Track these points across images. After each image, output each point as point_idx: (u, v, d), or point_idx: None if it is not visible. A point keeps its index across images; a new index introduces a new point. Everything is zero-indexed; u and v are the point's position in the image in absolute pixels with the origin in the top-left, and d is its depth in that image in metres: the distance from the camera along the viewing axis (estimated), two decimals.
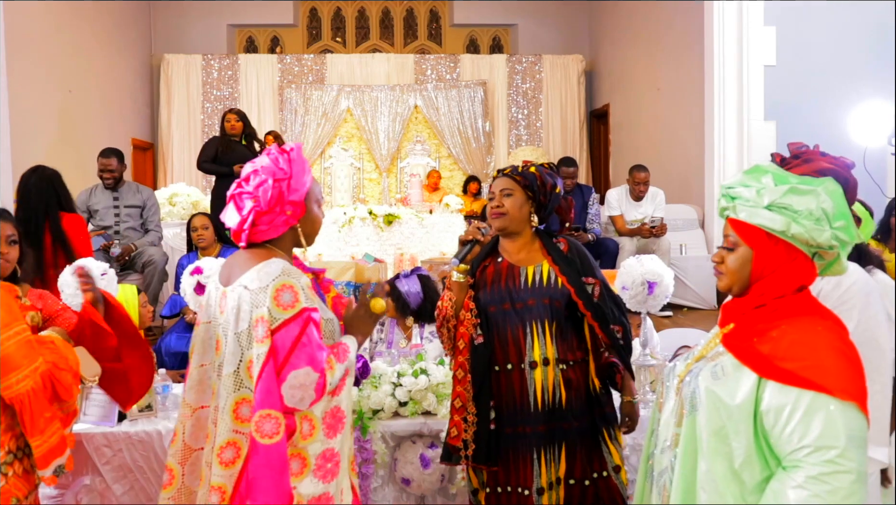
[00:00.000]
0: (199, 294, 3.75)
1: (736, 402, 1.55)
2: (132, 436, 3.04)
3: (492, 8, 12.30)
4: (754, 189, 1.63)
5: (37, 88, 7.59)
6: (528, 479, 2.47)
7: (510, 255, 2.61)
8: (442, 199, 9.07)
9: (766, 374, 1.52)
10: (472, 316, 2.53)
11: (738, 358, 1.59)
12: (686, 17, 8.00)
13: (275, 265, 1.99)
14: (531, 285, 2.53)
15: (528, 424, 2.48)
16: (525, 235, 2.61)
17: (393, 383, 3.19)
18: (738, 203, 1.65)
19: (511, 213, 2.55)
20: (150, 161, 11.33)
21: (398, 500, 3.19)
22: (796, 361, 1.50)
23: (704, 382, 1.63)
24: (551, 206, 2.62)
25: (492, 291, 2.56)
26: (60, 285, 3.37)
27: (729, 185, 1.68)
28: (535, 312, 2.49)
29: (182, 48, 11.39)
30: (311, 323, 1.96)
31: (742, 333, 1.64)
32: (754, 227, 1.63)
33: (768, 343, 1.57)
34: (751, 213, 1.63)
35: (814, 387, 1.47)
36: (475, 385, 2.50)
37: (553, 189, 2.60)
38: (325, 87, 11.17)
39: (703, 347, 1.76)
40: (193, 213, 6.14)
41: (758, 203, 1.62)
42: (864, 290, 1.99)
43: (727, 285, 1.70)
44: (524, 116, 11.69)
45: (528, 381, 2.48)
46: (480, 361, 2.51)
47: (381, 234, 7.64)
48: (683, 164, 8.27)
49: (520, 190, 2.57)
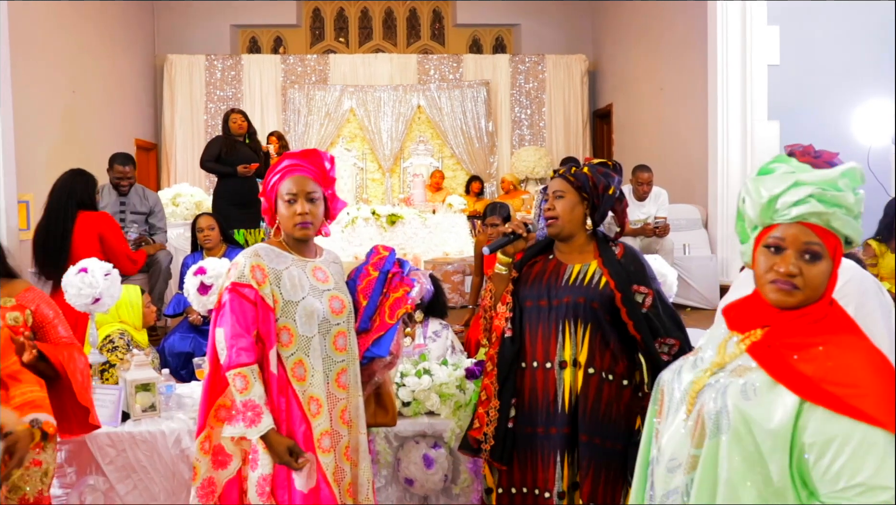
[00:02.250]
0: (202, 294, 3.76)
1: (772, 425, 1.38)
2: (136, 436, 3.05)
3: (495, 8, 12.29)
4: (852, 195, 1.45)
5: (41, 89, 7.60)
6: (550, 480, 2.43)
7: (562, 254, 2.55)
8: (445, 199, 9.08)
9: (812, 397, 1.36)
10: (508, 310, 2.51)
11: (775, 377, 1.42)
12: (689, 16, 8.00)
13: (253, 248, 2.44)
14: (572, 283, 2.47)
15: (554, 425, 2.43)
16: (579, 238, 2.53)
17: (396, 383, 3.19)
18: (837, 211, 1.44)
19: (563, 217, 2.48)
20: (153, 161, 11.35)
21: (401, 500, 3.19)
22: (845, 386, 1.35)
23: (734, 401, 1.44)
24: (604, 208, 2.52)
25: (532, 285, 2.52)
26: (64, 285, 3.38)
27: (822, 186, 1.45)
28: (570, 311, 2.43)
29: (185, 49, 11.39)
30: (238, 296, 2.32)
31: (777, 346, 1.46)
32: (837, 237, 1.46)
33: (811, 362, 1.40)
34: (845, 223, 1.45)
35: (866, 418, 1.32)
36: (499, 379, 2.48)
37: (606, 190, 2.50)
38: (329, 88, 11.17)
39: (717, 355, 1.57)
40: (197, 213, 6.15)
41: (852, 212, 1.45)
42: (860, 286, 1.98)
43: (800, 302, 1.47)
44: (527, 116, 11.68)
45: (558, 381, 2.43)
46: (506, 355, 2.48)
47: (385, 234, 7.64)
48: (687, 164, 8.26)
49: (573, 192, 2.49)
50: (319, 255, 2.54)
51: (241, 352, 2.28)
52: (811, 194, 1.44)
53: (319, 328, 2.40)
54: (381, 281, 2.56)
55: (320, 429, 2.37)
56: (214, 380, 2.41)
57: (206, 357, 2.47)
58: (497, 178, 11.17)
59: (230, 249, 5.00)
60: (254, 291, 2.33)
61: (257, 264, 2.36)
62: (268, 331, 2.33)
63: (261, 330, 2.33)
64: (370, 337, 2.53)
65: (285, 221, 2.42)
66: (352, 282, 2.59)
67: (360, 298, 2.56)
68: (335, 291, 2.47)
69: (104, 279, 3.35)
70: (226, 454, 2.40)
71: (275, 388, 2.33)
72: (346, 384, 2.47)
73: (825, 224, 1.45)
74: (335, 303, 2.44)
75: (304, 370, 2.37)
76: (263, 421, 2.26)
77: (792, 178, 1.46)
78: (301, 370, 2.37)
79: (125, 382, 3.19)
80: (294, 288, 2.39)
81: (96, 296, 3.33)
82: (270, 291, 2.35)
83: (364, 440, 2.52)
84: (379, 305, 2.55)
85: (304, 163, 2.45)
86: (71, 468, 3.04)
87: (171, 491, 3.05)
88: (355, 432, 2.50)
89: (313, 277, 2.44)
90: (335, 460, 2.41)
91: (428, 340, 3.98)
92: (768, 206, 1.48)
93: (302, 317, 2.37)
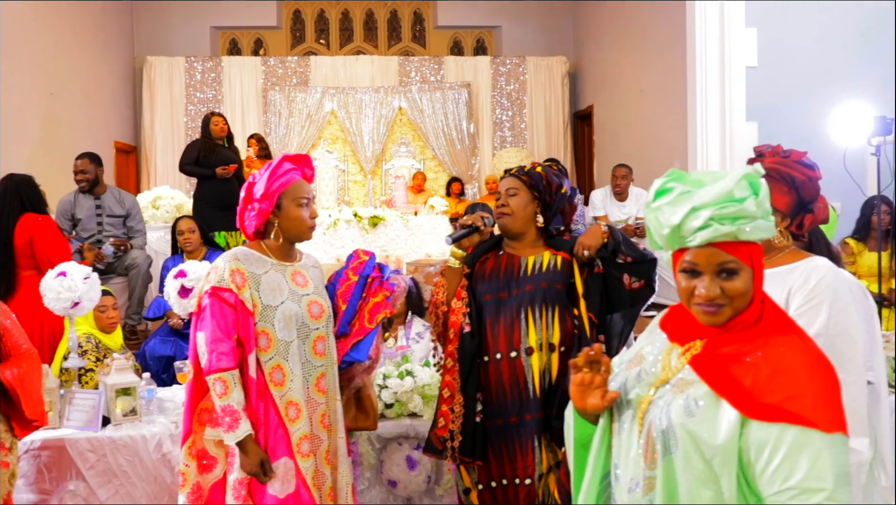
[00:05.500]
0: (183, 298, 3.75)
1: (719, 441, 1.37)
2: (116, 441, 3.03)
3: (476, 9, 12.31)
4: (752, 201, 1.40)
5: (18, 91, 7.53)
6: (530, 467, 2.46)
7: (513, 249, 2.62)
8: (427, 200, 9.08)
9: (750, 412, 1.35)
10: (464, 305, 2.54)
11: (717, 391, 1.39)
12: (668, 18, 8.05)
13: (232, 251, 2.43)
14: (530, 273, 2.54)
15: (528, 412, 2.46)
16: (530, 234, 2.62)
17: (379, 385, 3.19)
18: (741, 225, 1.39)
19: (515, 213, 2.56)
20: (133, 164, 11.26)
21: (385, 501, 3.19)
22: (778, 392, 1.35)
23: (679, 419, 1.41)
24: (556, 207, 2.61)
25: (489, 280, 2.57)
26: (42, 290, 3.35)
27: (719, 205, 1.39)
28: (533, 298, 2.49)
29: (165, 50, 11.32)
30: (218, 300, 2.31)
31: (716, 357, 1.44)
32: (750, 243, 1.43)
33: (748, 373, 1.38)
34: (754, 231, 1.40)
35: (798, 420, 1.32)
36: (462, 375, 2.51)
37: (559, 189, 2.60)
38: (309, 90, 11.14)
39: (662, 371, 1.52)
40: (177, 216, 6.11)
41: (756, 216, 1.40)
42: (833, 283, 2.00)
43: (730, 317, 1.44)
44: (508, 118, 11.71)
45: (526, 368, 2.46)
46: (467, 350, 2.51)
47: (367, 236, 7.63)
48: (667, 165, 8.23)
49: (525, 190, 2.58)
50: (299, 259, 2.54)
51: (222, 357, 2.28)
52: (711, 217, 1.39)
53: (298, 333, 2.40)
54: (361, 285, 2.57)
55: (300, 433, 2.37)
56: (197, 384, 2.40)
57: (189, 361, 2.45)
58: (479, 179, 11.18)
59: (210, 252, 4.98)
60: (234, 295, 2.33)
61: (237, 268, 2.36)
62: (247, 335, 2.33)
63: (240, 334, 2.33)
64: (349, 341, 2.54)
65: (297, 224, 2.44)
66: (331, 286, 2.60)
67: (339, 302, 2.57)
68: (314, 295, 2.47)
69: (83, 283, 3.32)
70: (210, 457, 2.40)
71: (254, 392, 2.33)
72: (326, 388, 2.48)
73: (734, 239, 1.41)
74: (314, 307, 2.45)
75: (282, 375, 2.37)
76: (241, 427, 2.27)
77: (688, 204, 1.41)
78: (279, 375, 2.37)
79: (105, 386, 3.16)
80: (273, 292, 2.39)
81: (75, 300, 3.30)
82: (250, 296, 2.35)
83: (343, 444, 2.53)
84: (358, 310, 2.56)
85: (305, 167, 2.50)
86: (50, 474, 3.01)
87: (152, 495, 3.03)
88: (335, 436, 2.50)
89: (292, 282, 2.44)
90: (315, 464, 2.41)
91: (411, 342, 3.99)
92: (672, 234, 1.44)
93: (280, 321, 2.37)
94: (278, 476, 2.32)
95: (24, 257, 4.51)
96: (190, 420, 2.41)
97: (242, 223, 2.47)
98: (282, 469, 2.33)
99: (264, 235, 2.48)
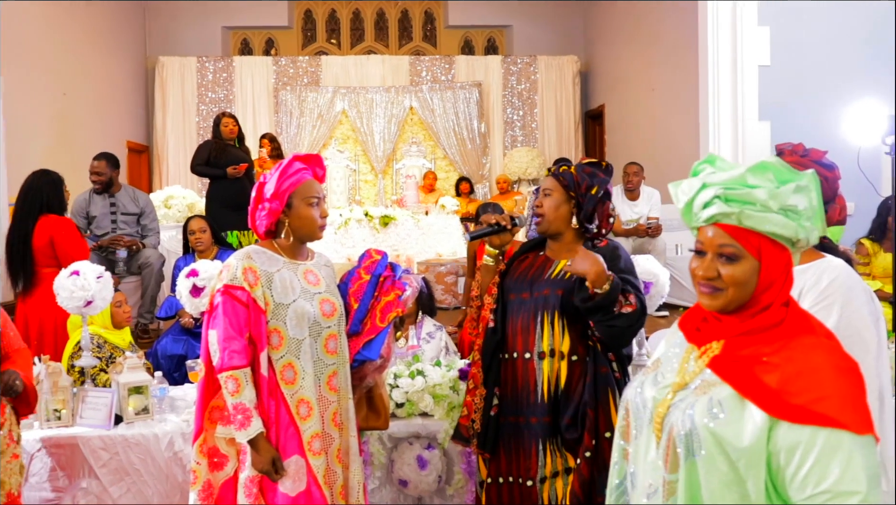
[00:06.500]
0: (194, 297, 3.76)
1: (745, 444, 1.35)
2: (129, 438, 3.05)
3: (486, 9, 12.31)
4: (765, 190, 1.39)
5: (31, 92, 7.58)
6: (533, 469, 2.47)
7: (552, 251, 2.61)
8: (438, 200, 9.08)
9: (778, 413, 1.33)
10: (493, 301, 2.57)
11: (741, 392, 1.38)
12: (680, 17, 8.02)
13: (244, 249, 2.43)
14: (554, 277, 2.52)
15: (535, 415, 2.47)
16: (567, 236, 2.58)
17: (390, 385, 3.19)
18: (745, 209, 1.40)
19: (548, 214, 2.54)
20: (145, 163, 11.32)
21: (395, 501, 3.19)
22: (805, 393, 1.32)
23: (703, 421, 1.39)
24: (587, 208, 2.54)
25: (517, 279, 2.58)
26: (56, 288, 3.37)
27: (727, 186, 1.41)
28: (548, 303, 2.48)
29: (176, 50, 11.37)
30: (230, 298, 2.32)
31: (737, 359, 1.42)
32: (760, 235, 1.42)
33: (773, 373, 1.36)
34: (760, 220, 1.40)
35: (828, 422, 1.30)
36: (483, 369, 2.54)
37: (589, 190, 2.54)
38: (321, 89, 11.16)
39: (678, 375, 1.51)
40: (189, 215, 6.14)
41: (768, 207, 1.40)
42: (846, 284, 1.98)
43: (725, 304, 1.45)
44: (519, 118, 11.70)
45: (537, 371, 2.47)
46: (489, 345, 2.53)
47: (377, 235, 7.64)
48: (678, 165, 8.27)
49: (560, 190, 2.54)
50: (311, 258, 2.55)
51: (234, 354, 2.28)
52: (717, 195, 1.41)
53: (310, 331, 2.41)
54: (373, 284, 2.58)
55: (311, 431, 2.38)
56: (209, 381, 2.41)
57: (201, 359, 2.46)
58: (490, 179, 11.18)
59: (222, 252, 4.99)
60: (246, 293, 2.34)
61: (249, 266, 2.37)
62: (259, 333, 2.34)
63: (252, 332, 2.33)
64: (361, 340, 2.54)
65: (308, 223, 2.44)
66: (343, 285, 2.60)
67: (351, 301, 2.57)
68: (326, 293, 2.48)
69: (96, 282, 3.34)
70: (221, 455, 2.41)
71: (265, 390, 2.33)
72: (337, 387, 2.48)
73: (738, 223, 1.41)
74: (326, 306, 2.45)
75: (293, 373, 2.37)
76: (252, 425, 2.27)
77: (702, 181, 1.45)
78: (290, 373, 2.37)
79: (118, 384, 3.18)
80: (285, 290, 2.39)
81: (88, 298, 3.32)
82: (262, 294, 2.36)
83: (355, 443, 2.53)
84: (370, 309, 2.56)
85: (316, 167, 2.51)
86: (63, 472, 3.03)
87: (164, 494, 3.05)
88: (346, 435, 2.51)
89: (304, 280, 2.45)
90: (326, 463, 2.42)
91: (422, 342, 3.99)
92: (686, 211, 1.48)
93: (292, 319, 2.37)
94: (289, 474, 2.33)
95: (45, 256, 4.60)
96: (201, 418, 2.42)
97: (254, 223, 2.48)
98: (293, 467, 2.33)
99: (275, 235, 2.49)
